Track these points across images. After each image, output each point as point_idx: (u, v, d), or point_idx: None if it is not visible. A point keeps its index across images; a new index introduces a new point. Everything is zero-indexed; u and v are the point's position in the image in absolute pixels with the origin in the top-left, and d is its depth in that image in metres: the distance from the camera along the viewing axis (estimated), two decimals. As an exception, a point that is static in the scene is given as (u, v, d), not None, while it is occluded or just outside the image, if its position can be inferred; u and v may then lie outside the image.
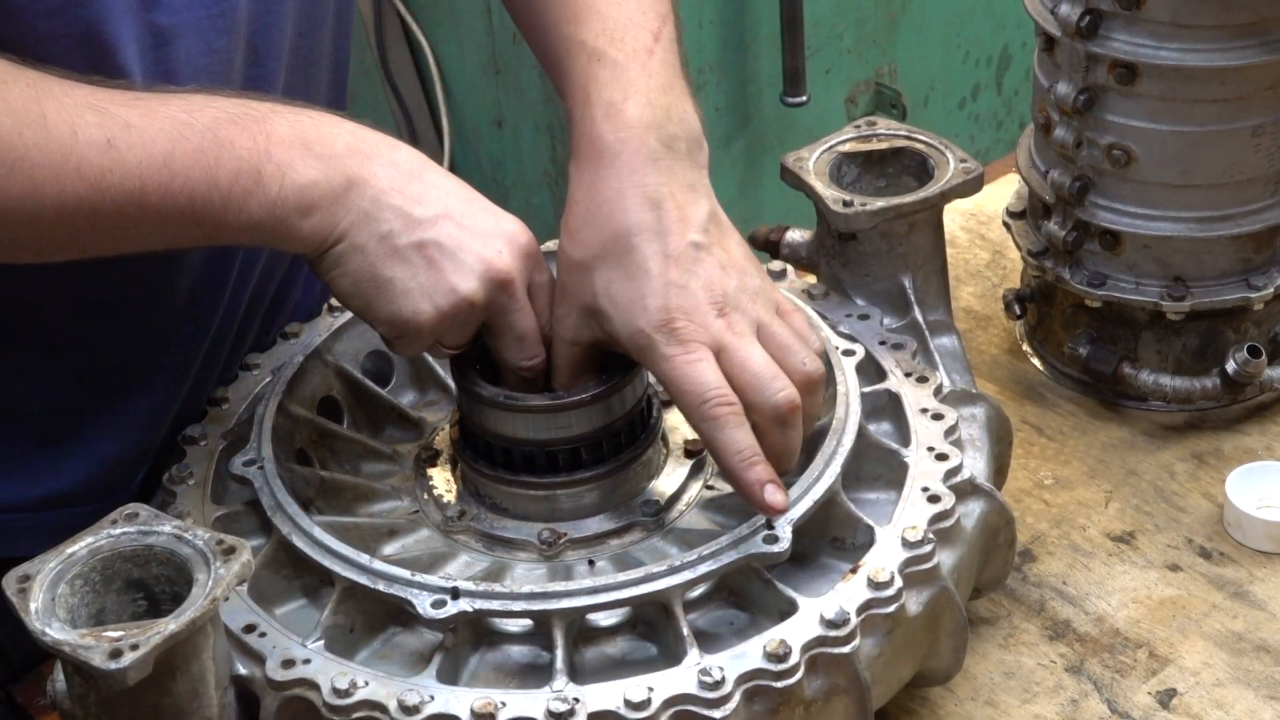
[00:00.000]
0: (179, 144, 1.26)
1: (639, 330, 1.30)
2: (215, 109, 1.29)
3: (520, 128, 3.26)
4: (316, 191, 1.28)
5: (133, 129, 1.25)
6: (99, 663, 1.10)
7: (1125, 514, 1.60)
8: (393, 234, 1.30)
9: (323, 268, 1.32)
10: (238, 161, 1.27)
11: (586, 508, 1.39)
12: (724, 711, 1.21)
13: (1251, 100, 1.57)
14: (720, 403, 1.28)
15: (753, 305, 1.33)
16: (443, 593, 1.26)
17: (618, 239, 1.32)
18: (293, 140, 1.29)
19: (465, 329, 1.34)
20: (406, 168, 1.32)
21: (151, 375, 1.53)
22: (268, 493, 1.36)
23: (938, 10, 3.33)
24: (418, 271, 1.30)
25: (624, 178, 1.33)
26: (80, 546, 1.19)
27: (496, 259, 1.32)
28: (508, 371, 1.38)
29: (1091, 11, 1.56)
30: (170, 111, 1.27)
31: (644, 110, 1.36)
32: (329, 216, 1.29)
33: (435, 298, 1.31)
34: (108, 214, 1.25)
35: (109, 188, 1.24)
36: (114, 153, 1.24)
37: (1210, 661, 1.45)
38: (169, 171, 1.25)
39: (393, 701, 1.21)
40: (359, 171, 1.30)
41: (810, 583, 1.33)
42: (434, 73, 3.35)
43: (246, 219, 1.28)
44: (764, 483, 1.28)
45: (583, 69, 1.39)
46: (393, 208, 1.30)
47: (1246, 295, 1.64)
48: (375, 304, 1.32)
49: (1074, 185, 1.64)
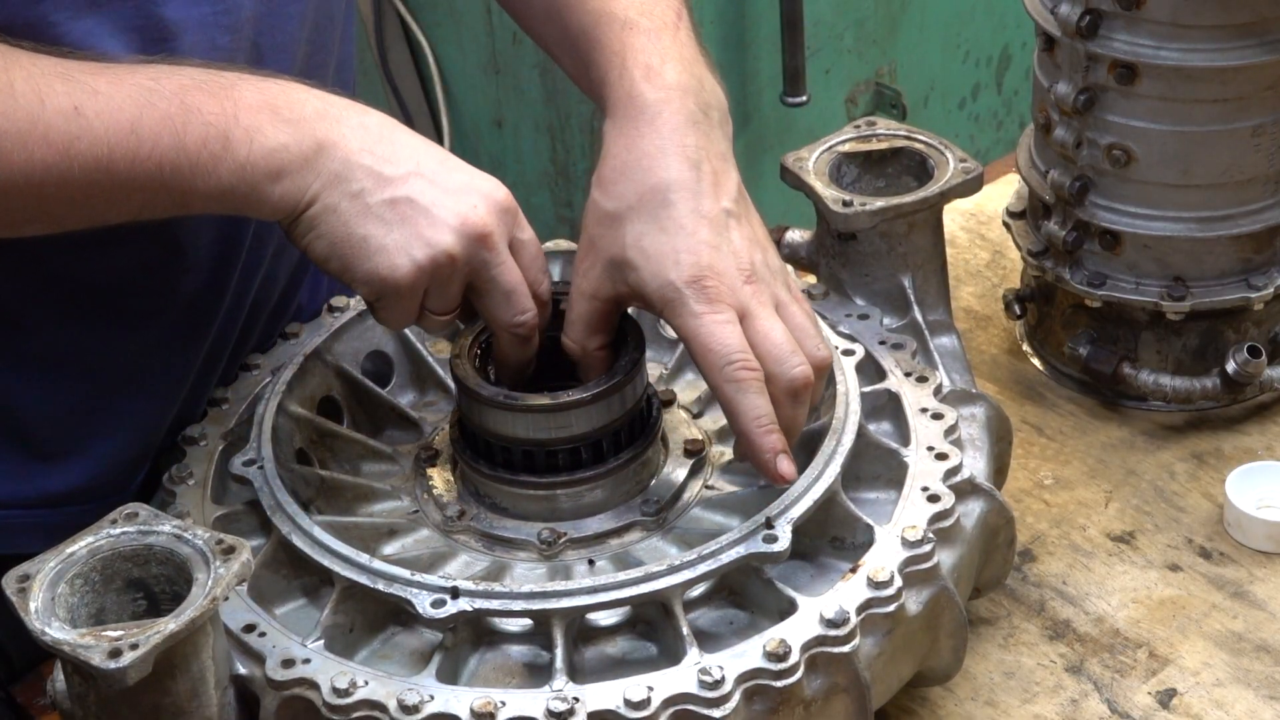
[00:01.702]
0: (146, 110, 1.26)
1: (669, 283, 1.30)
2: (182, 76, 1.28)
3: (520, 128, 3.26)
4: (286, 155, 1.28)
5: (100, 96, 1.25)
6: (99, 662, 1.10)
7: (1125, 514, 1.60)
8: (365, 193, 1.29)
9: (298, 233, 1.31)
10: (205, 127, 1.27)
11: (586, 507, 1.39)
12: (724, 711, 1.21)
13: (1251, 100, 1.57)
14: (744, 366, 1.28)
15: (774, 281, 1.34)
16: (442, 592, 1.26)
17: (655, 192, 1.32)
18: (260, 105, 1.29)
19: (448, 288, 1.33)
20: (376, 129, 1.32)
21: (152, 375, 1.53)
22: (267, 493, 1.36)
23: (938, 10, 3.33)
24: (392, 228, 1.30)
25: (665, 135, 1.34)
26: (80, 546, 1.19)
27: (472, 213, 1.31)
28: (501, 333, 1.37)
29: (1091, 11, 1.56)
30: (138, 79, 1.27)
31: (681, 75, 1.37)
32: (299, 180, 1.29)
33: (412, 252, 1.30)
34: (76, 182, 1.25)
35: (76, 155, 1.24)
36: (81, 120, 1.24)
37: (1210, 661, 1.45)
38: (136, 138, 1.25)
39: (392, 701, 1.21)
40: (328, 134, 1.30)
41: (810, 582, 1.33)
42: (434, 73, 3.35)
43: (215, 184, 1.28)
44: (778, 451, 1.29)
45: (617, 35, 1.40)
46: (363, 168, 1.30)
47: (1246, 295, 1.64)
48: (352, 264, 1.31)
49: (1074, 185, 1.63)
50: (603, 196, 1.35)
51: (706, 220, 1.32)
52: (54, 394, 1.50)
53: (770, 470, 1.29)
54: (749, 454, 1.31)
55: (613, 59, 1.39)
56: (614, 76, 1.38)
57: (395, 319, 1.35)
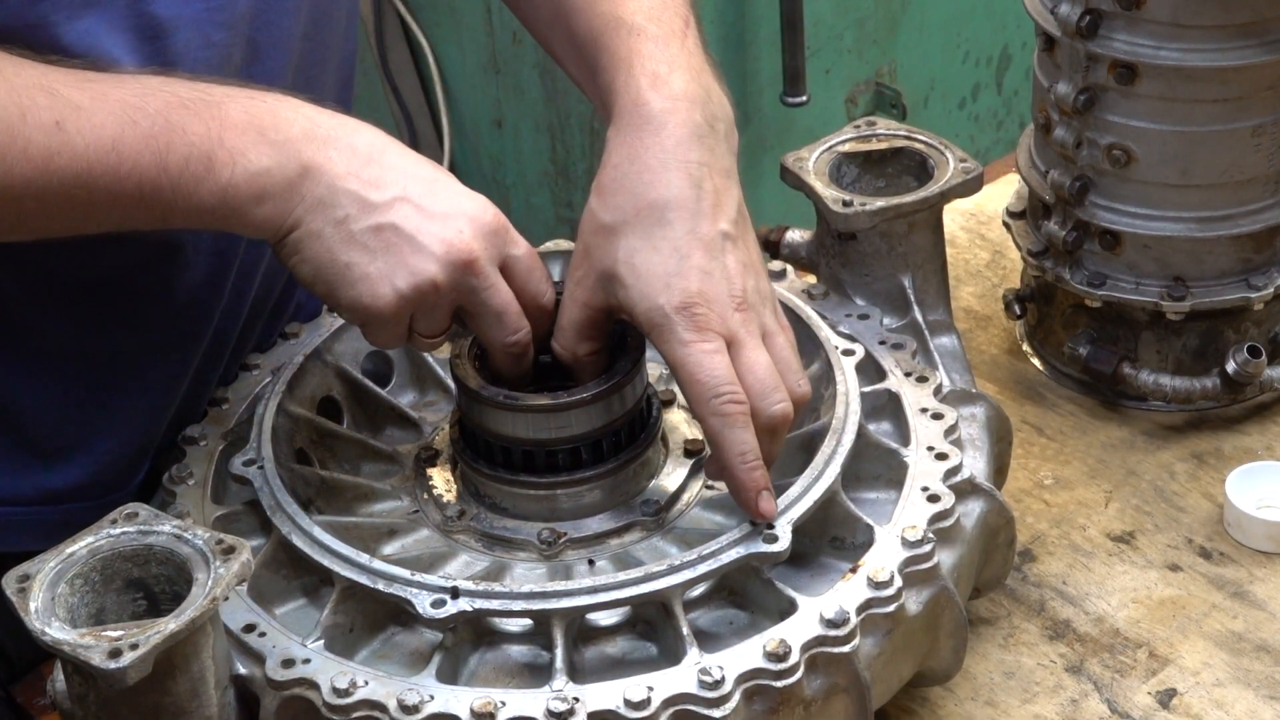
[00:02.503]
0: (128, 128, 1.25)
1: (657, 307, 1.29)
2: (169, 93, 1.28)
3: (520, 128, 3.26)
4: (269, 179, 1.27)
5: (82, 111, 1.24)
6: (99, 662, 1.10)
7: (1125, 514, 1.60)
8: (349, 219, 1.29)
9: (283, 255, 1.31)
10: (188, 147, 1.26)
11: (586, 507, 1.39)
12: (724, 711, 1.21)
13: (1251, 100, 1.57)
14: (732, 399, 1.27)
15: (763, 309, 1.33)
16: (442, 592, 1.26)
17: (653, 209, 1.31)
18: (247, 126, 1.28)
19: (434, 313, 1.32)
20: (365, 151, 1.31)
21: (151, 374, 1.53)
22: (267, 492, 1.36)
23: (938, 10, 3.33)
24: (376, 256, 1.29)
25: (668, 149, 1.33)
26: (80, 546, 1.19)
27: (456, 239, 1.30)
28: (495, 352, 1.36)
29: (1091, 11, 1.56)
30: (122, 95, 1.26)
31: (689, 84, 1.36)
32: (282, 204, 1.28)
33: (395, 280, 1.29)
34: (55, 196, 1.25)
35: (56, 170, 1.23)
36: (62, 135, 1.23)
37: (1210, 661, 1.45)
38: (117, 155, 1.25)
39: (392, 701, 1.21)
40: (314, 157, 1.29)
41: (810, 582, 1.33)
42: (434, 73, 3.35)
43: (197, 205, 1.27)
44: (760, 489, 1.28)
45: (624, 41, 1.38)
46: (348, 193, 1.29)
47: (1246, 295, 1.64)
48: (336, 290, 1.31)
49: (1074, 185, 1.63)
50: (600, 206, 1.33)
51: (702, 243, 1.30)
52: (53, 391, 1.50)
53: (752, 507, 1.29)
54: (732, 489, 1.30)
55: (619, 65, 1.38)
56: (620, 83, 1.37)
57: (383, 341, 1.36)
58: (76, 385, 1.51)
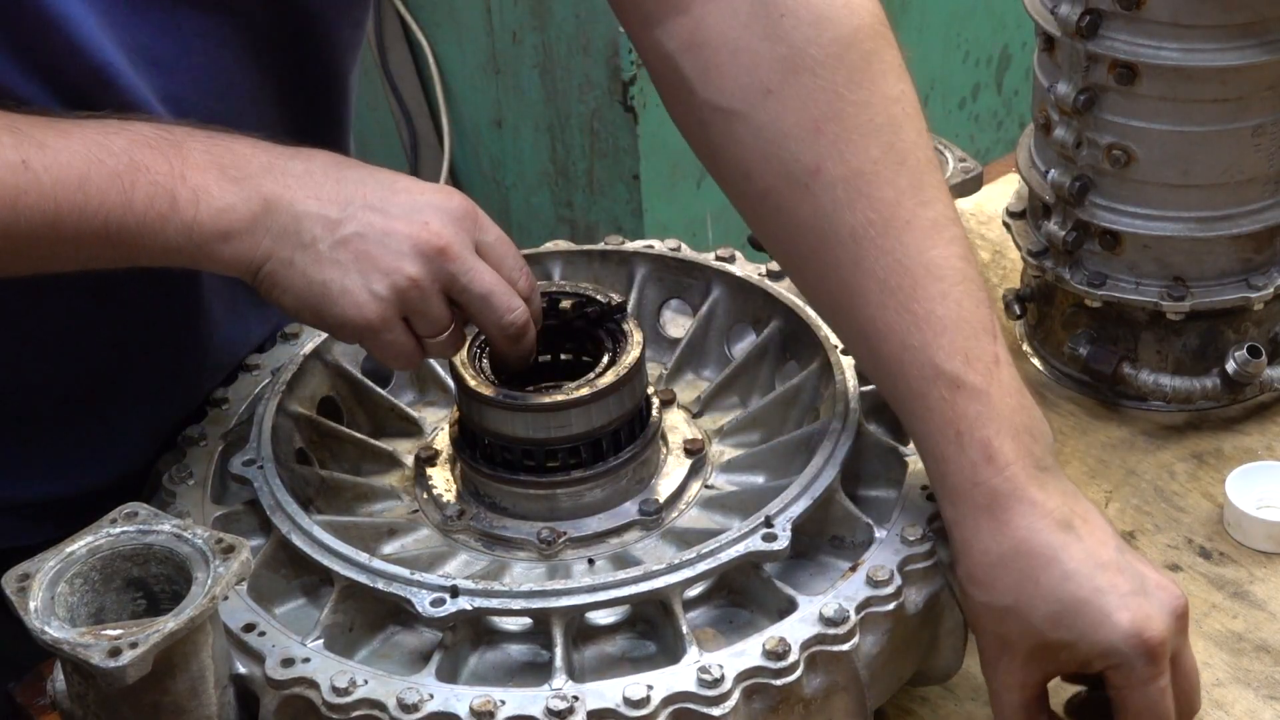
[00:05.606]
0: (95, 166, 1.25)
1: (1113, 649, 1.24)
2: (131, 132, 1.28)
3: (520, 128, 3.26)
4: (233, 216, 1.27)
5: (48, 150, 1.24)
6: (98, 661, 1.10)
7: (1125, 514, 1.60)
8: (316, 240, 1.29)
9: (264, 291, 1.31)
10: (153, 185, 1.26)
11: (586, 507, 1.39)
12: (723, 709, 1.21)
13: (1251, 100, 1.57)
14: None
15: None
16: (442, 591, 1.26)
17: (1048, 571, 1.25)
18: (208, 164, 1.28)
19: (427, 311, 1.32)
20: (322, 173, 1.31)
21: (150, 372, 1.53)
22: (267, 492, 1.36)
23: (938, 10, 3.33)
24: (348, 269, 1.29)
25: (1028, 516, 1.26)
26: (80, 545, 1.19)
27: (423, 231, 1.30)
28: (493, 336, 1.36)
29: (1091, 11, 1.56)
30: (87, 134, 1.26)
31: (1016, 443, 1.28)
32: (249, 239, 1.28)
33: (372, 286, 1.29)
34: (22, 235, 1.24)
35: (23, 209, 1.23)
36: (29, 174, 1.23)
37: (1210, 661, 1.45)
38: (84, 194, 1.24)
39: (392, 700, 1.21)
40: (273, 189, 1.29)
41: (809, 581, 1.33)
42: (434, 73, 3.35)
43: (163, 244, 1.27)
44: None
45: (941, 398, 1.29)
46: (310, 215, 1.29)
47: (1246, 295, 1.64)
48: (321, 311, 1.30)
49: (1074, 185, 1.63)
50: (989, 594, 1.27)
51: (1110, 570, 1.25)
52: (52, 390, 1.50)
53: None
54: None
55: (946, 430, 1.29)
56: (949, 453, 1.29)
57: (393, 357, 1.34)
58: (75, 384, 1.50)
